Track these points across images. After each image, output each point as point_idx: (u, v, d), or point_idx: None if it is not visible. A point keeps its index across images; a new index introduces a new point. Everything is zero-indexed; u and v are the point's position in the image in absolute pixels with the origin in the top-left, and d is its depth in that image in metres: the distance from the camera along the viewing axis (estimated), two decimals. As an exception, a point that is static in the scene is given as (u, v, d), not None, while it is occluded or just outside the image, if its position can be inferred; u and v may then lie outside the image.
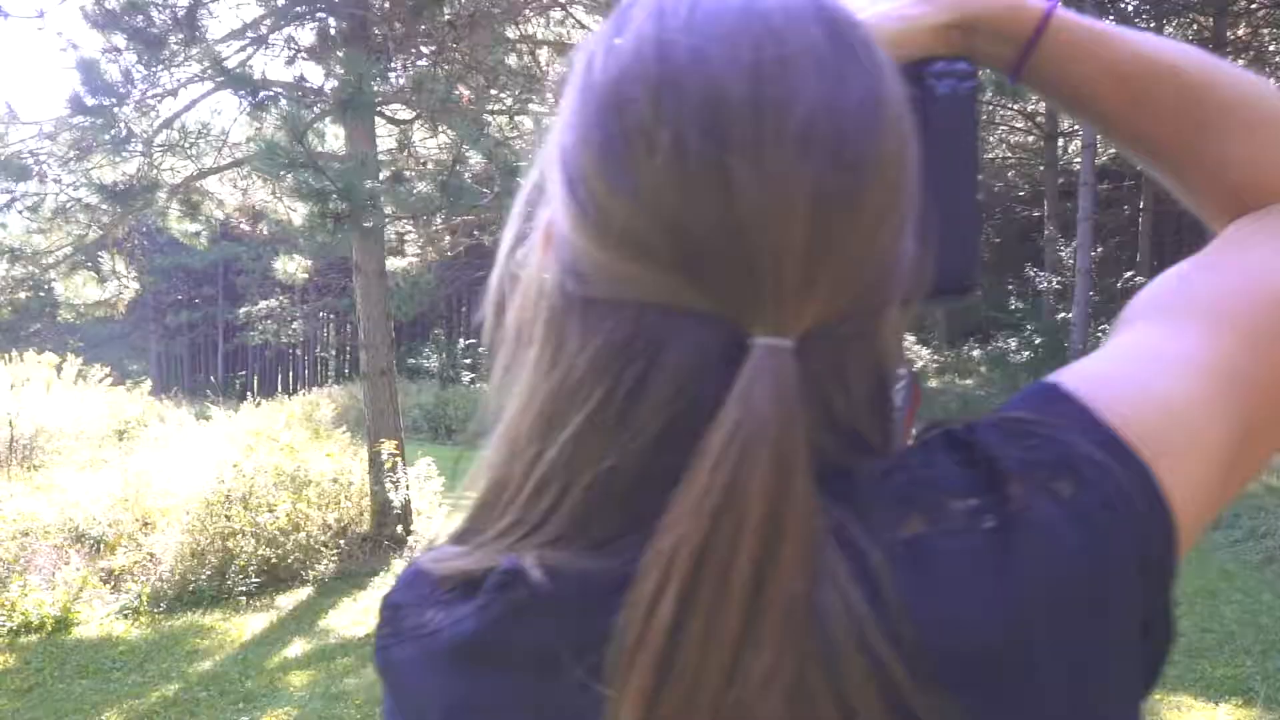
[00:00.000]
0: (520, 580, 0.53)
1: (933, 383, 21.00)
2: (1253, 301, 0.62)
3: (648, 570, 0.49)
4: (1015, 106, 24.80)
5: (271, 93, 7.66)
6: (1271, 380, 0.61)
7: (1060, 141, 25.10)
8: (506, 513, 0.57)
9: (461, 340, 30.07)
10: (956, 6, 0.69)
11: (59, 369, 14.26)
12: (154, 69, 8.48)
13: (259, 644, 6.37)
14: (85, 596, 6.99)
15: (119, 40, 8.34)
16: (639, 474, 0.53)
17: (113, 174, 8.80)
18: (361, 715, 5.17)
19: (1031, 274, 21.48)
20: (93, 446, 11.63)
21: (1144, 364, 0.60)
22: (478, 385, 23.25)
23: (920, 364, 23.08)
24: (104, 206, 8.91)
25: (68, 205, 9.17)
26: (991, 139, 28.63)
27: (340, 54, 7.33)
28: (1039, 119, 25.21)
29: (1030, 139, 26.79)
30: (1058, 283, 20.64)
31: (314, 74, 12.19)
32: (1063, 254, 20.49)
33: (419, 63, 8.81)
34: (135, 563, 7.50)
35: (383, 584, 7.68)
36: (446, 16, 8.39)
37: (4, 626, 6.46)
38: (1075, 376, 0.59)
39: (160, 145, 9.15)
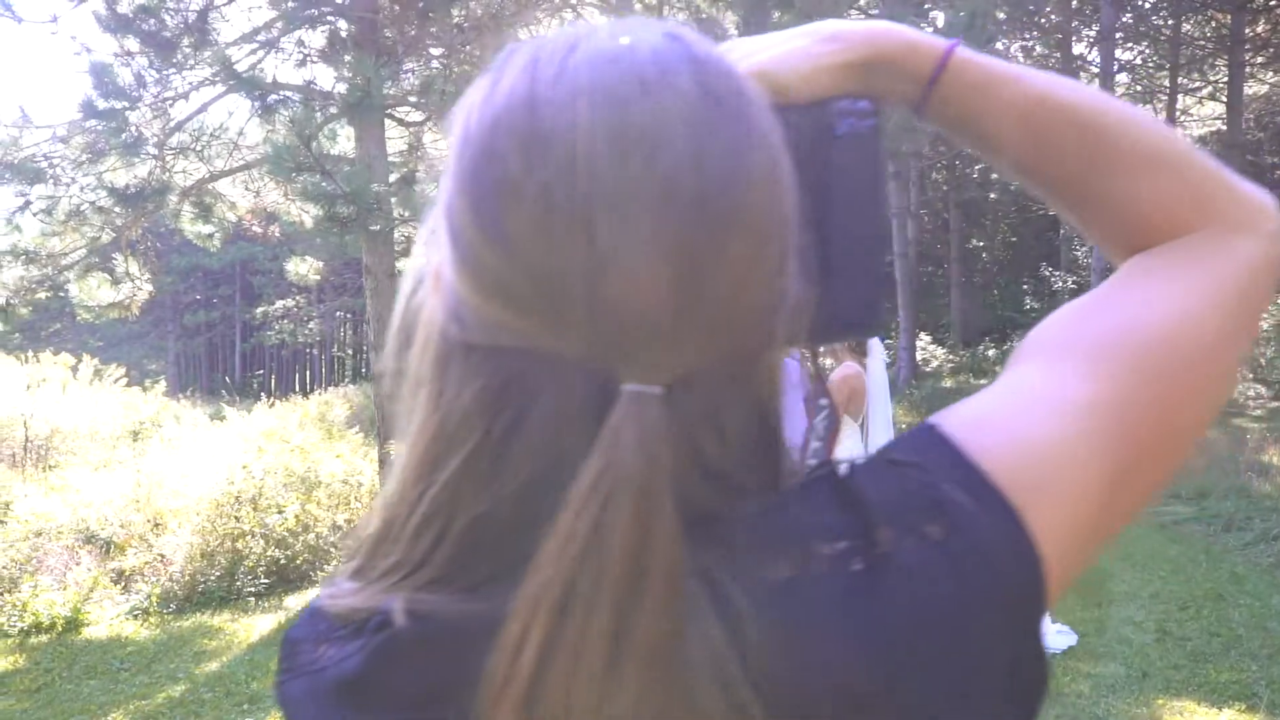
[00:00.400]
0: (397, 622, 0.55)
1: (947, 383, 20.91)
2: (1134, 342, 0.63)
3: (516, 613, 0.50)
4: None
5: (281, 96, 7.71)
6: (1146, 421, 0.62)
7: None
8: (393, 551, 0.58)
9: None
10: (859, 46, 0.70)
11: (75, 369, 14.41)
12: (165, 72, 8.54)
13: (266, 645, 6.41)
14: (96, 597, 7.05)
15: (131, 44, 8.41)
16: (513, 517, 0.54)
17: (125, 177, 8.87)
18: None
19: (1047, 273, 21.34)
20: (107, 447, 11.72)
21: (1023, 406, 0.61)
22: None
23: (936, 364, 23.00)
24: (117, 209, 8.99)
25: (81, 208, 9.25)
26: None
27: (348, 58, 7.37)
28: (1055, 117, 25.06)
29: (1047, 137, 26.61)
30: (1074, 282, 20.51)
31: (325, 77, 12.25)
32: (1078, 253, 20.35)
33: (430, 65, 8.83)
34: (145, 563, 7.57)
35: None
36: (455, 19, 8.42)
37: (15, 627, 6.53)
38: (956, 419, 0.61)
39: (172, 148, 9.22)
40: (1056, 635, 5.78)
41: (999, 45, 23.21)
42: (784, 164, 0.56)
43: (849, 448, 5.88)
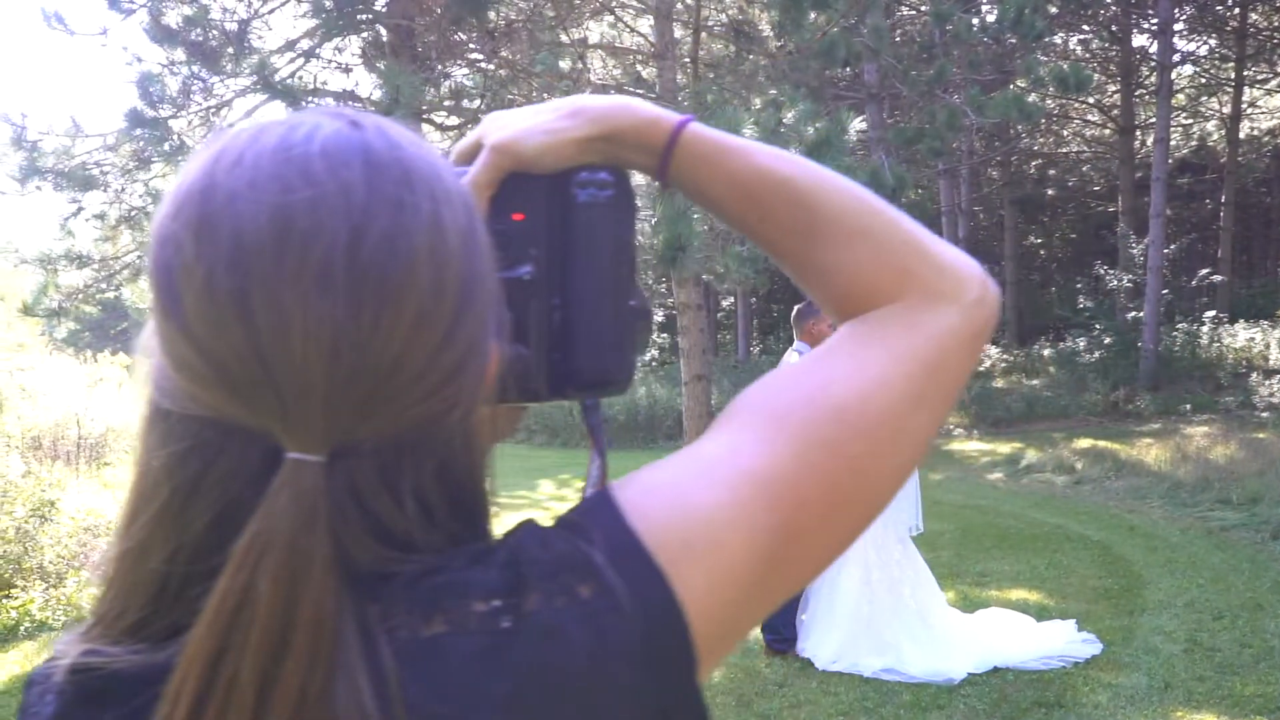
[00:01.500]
0: (86, 670, 0.59)
1: (999, 383, 20.60)
2: (814, 412, 0.67)
3: (179, 665, 0.54)
4: (1090, 100, 24.20)
5: (313, 103, 7.87)
6: (815, 486, 0.65)
7: (1138, 134, 24.42)
8: (103, 602, 0.63)
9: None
10: (599, 120, 0.74)
11: (129, 369, 14.84)
12: (210, 81, 8.76)
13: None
14: (137, 592, 7.25)
15: (178, 54, 8.64)
16: (191, 574, 0.59)
17: (171, 183, 9.10)
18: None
19: (1101, 271, 20.93)
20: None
21: (695, 472, 0.65)
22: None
23: (988, 363, 22.67)
24: (165, 215, 9.22)
25: (131, 214, 9.51)
26: (1065, 133, 27.99)
27: (381, 65, 7.50)
28: (1114, 112, 24.57)
29: (1106, 132, 26.11)
30: (1129, 280, 20.08)
31: (366, 83, 12.50)
32: (1134, 250, 19.92)
33: (464, 70, 8.95)
34: (186, 560, 7.75)
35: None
36: (492, 24, 8.52)
37: (59, 621, 6.75)
38: (631, 485, 0.65)
39: (218, 154, 9.43)
40: (1081, 644, 5.69)
41: (1056, 39, 22.82)
42: (455, 242, 0.59)
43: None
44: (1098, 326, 19.56)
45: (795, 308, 5.97)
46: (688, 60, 11.00)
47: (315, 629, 0.54)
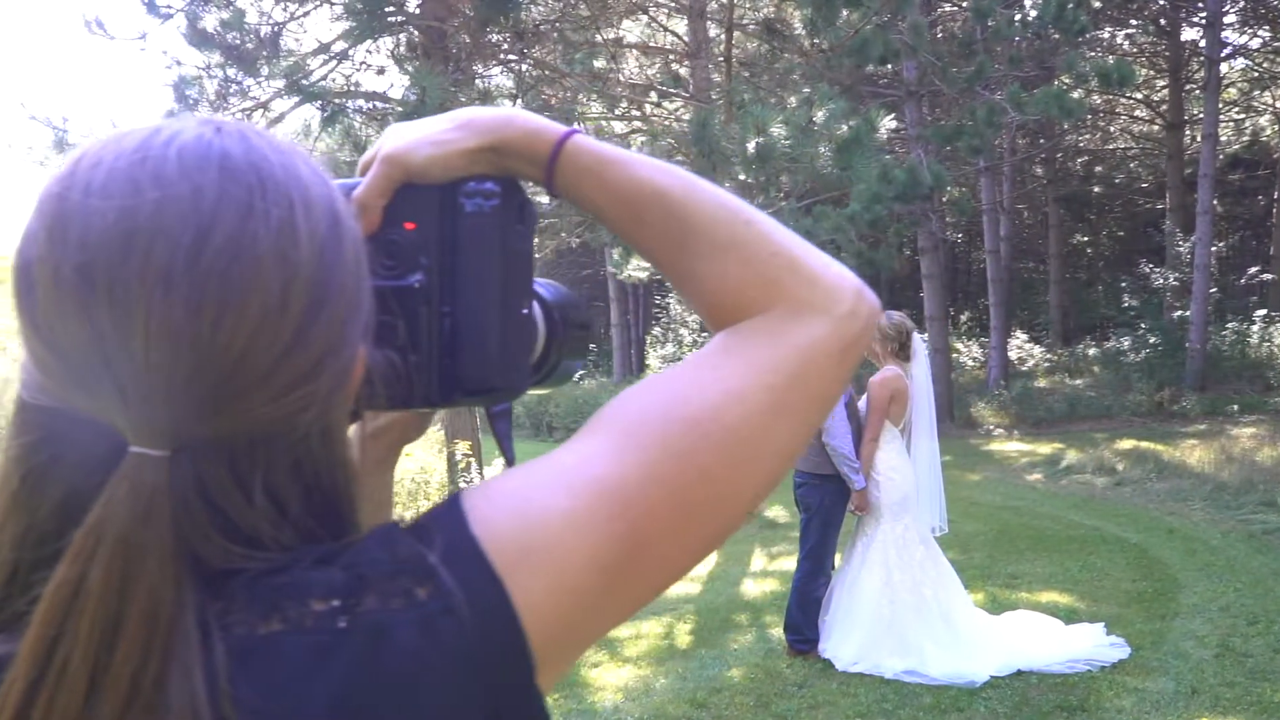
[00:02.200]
0: None
1: (1041, 382, 20.33)
2: (668, 422, 0.67)
3: (18, 652, 0.56)
4: (1137, 95, 23.78)
5: (340, 105, 7.97)
6: (665, 496, 0.66)
7: (1187, 130, 23.96)
8: None
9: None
10: (486, 131, 0.75)
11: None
12: (245, 84, 8.90)
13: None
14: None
15: (215, 58, 8.79)
16: (38, 560, 0.60)
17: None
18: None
19: (1147, 269, 20.53)
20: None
21: (543, 479, 0.66)
22: (581, 382, 23.55)
23: (1032, 363, 22.39)
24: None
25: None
26: (1112, 129, 27.54)
27: (409, 68, 7.58)
28: (1162, 108, 24.12)
29: (1154, 128, 25.64)
30: (1175, 279, 19.70)
31: (400, 85, 12.63)
32: (1181, 249, 19.53)
33: (497, 71, 9.01)
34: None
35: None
36: (519, 26, 8.57)
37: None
38: (481, 490, 0.66)
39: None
40: (1108, 648, 5.61)
41: (1104, 34, 22.45)
42: (309, 248, 0.60)
43: (892, 453, 5.80)
44: (1143, 326, 19.22)
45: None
46: (722, 59, 10.98)
47: (149, 620, 0.55)
